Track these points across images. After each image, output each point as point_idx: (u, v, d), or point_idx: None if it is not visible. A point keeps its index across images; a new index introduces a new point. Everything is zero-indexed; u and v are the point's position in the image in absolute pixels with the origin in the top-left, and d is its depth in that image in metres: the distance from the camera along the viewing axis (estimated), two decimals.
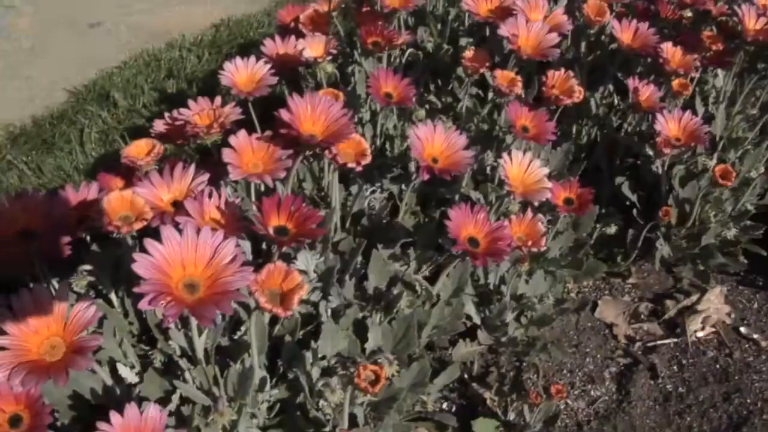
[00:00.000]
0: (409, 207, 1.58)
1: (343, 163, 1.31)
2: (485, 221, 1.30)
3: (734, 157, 1.85)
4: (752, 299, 1.95)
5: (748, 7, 1.75)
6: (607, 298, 1.89)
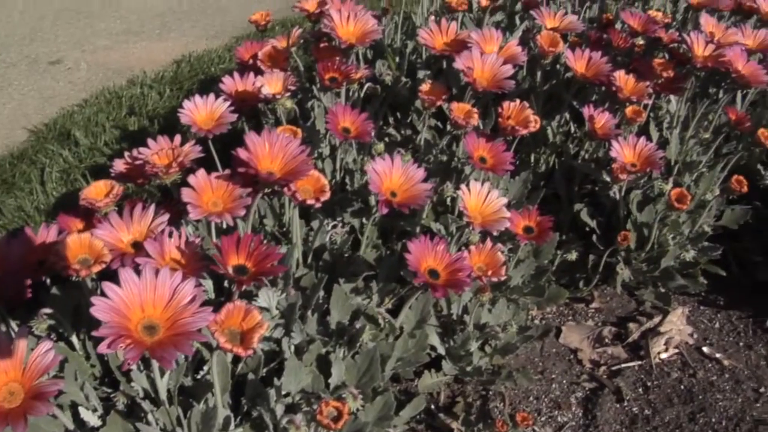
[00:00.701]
0: (370, 240, 1.59)
1: (302, 200, 1.32)
2: (445, 253, 1.32)
3: (689, 180, 1.89)
4: (713, 319, 1.98)
5: (696, 35, 1.79)
6: (570, 323, 1.91)
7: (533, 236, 1.54)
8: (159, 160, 1.43)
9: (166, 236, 1.23)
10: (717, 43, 1.79)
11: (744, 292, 2.05)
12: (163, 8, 4.24)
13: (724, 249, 1.94)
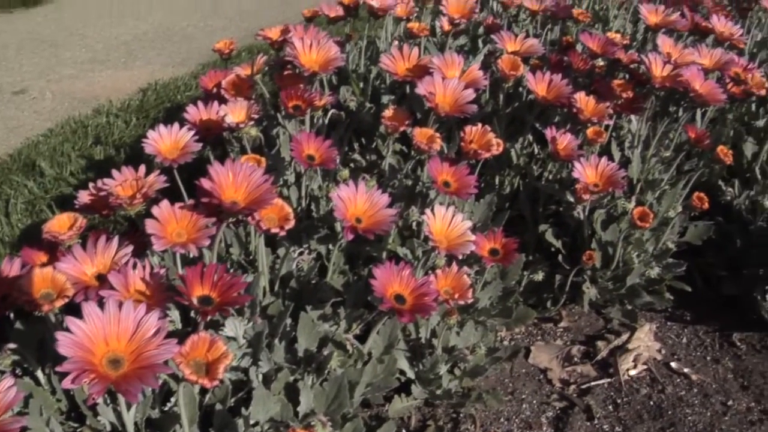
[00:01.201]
0: (337, 266, 1.59)
1: (266, 229, 1.32)
2: (410, 278, 1.33)
3: (652, 198, 1.91)
4: (681, 334, 2.00)
5: (654, 56, 1.82)
6: (539, 343, 1.92)
7: (499, 258, 1.56)
8: (123, 192, 1.42)
9: (130, 268, 1.22)
10: (675, 64, 1.83)
11: (710, 307, 2.07)
12: (129, 36, 4.24)
13: (688, 265, 1.97)
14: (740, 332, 2.01)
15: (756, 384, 1.83)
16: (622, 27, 2.59)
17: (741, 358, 1.93)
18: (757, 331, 2.01)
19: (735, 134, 2.27)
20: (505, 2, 2.33)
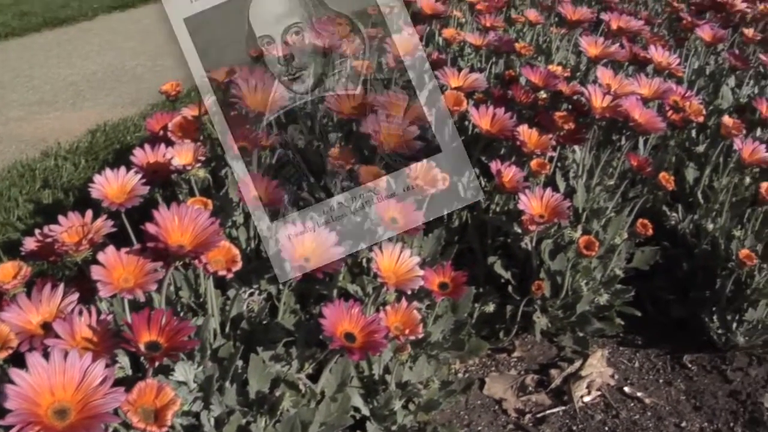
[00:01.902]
0: (287, 306, 1.59)
1: (214, 272, 1.32)
2: (360, 315, 1.33)
3: (598, 226, 1.95)
4: (633, 359, 2.03)
5: (594, 87, 1.87)
6: (494, 374, 1.93)
7: (448, 292, 1.57)
8: (69, 238, 1.41)
9: (76, 316, 1.21)
10: (614, 94, 1.87)
11: (660, 330, 2.11)
12: (77, 77, 4.22)
13: (637, 290, 2.00)
14: (691, 354, 2.05)
15: (708, 404, 1.87)
16: (565, 59, 2.65)
17: (692, 380, 1.96)
18: (706, 352, 2.05)
19: (677, 160, 2.33)
20: (447, 38, 2.37)
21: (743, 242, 2.02)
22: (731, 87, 2.67)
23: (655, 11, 3.54)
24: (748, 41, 2.71)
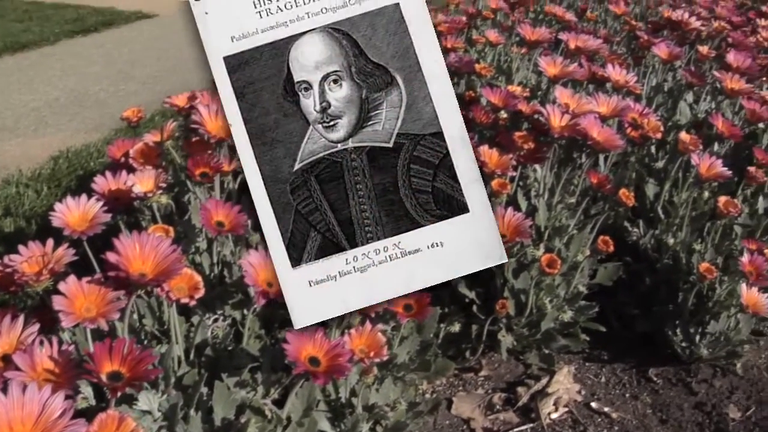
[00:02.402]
0: (252, 331, 1.59)
1: (176, 299, 1.32)
2: (324, 339, 1.33)
3: (560, 244, 1.97)
4: (599, 374, 2.05)
5: (552, 107, 1.89)
6: (461, 393, 1.94)
7: (413, 313, 1.57)
8: (29, 268, 1.40)
9: (37, 347, 1.20)
10: (572, 113, 1.90)
11: (625, 345, 2.14)
12: (40, 103, 4.18)
13: (602, 305, 2.02)
14: (656, 367, 2.08)
15: (674, 417, 1.89)
16: (526, 78, 2.68)
17: (658, 393, 1.98)
18: (671, 365, 2.08)
19: (637, 176, 2.37)
20: None
21: (703, 256, 2.05)
22: (689, 103, 2.72)
23: (614, 29, 3.60)
24: (702, 58, 2.77)
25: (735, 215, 2.01)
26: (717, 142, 2.30)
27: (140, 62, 5.20)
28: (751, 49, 2.88)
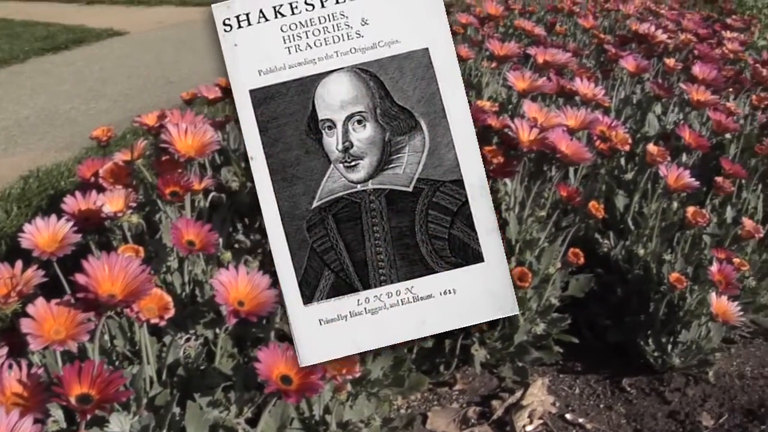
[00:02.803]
0: (224, 350, 1.58)
1: (146, 320, 1.31)
2: (295, 358, 1.33)
3: (531, 257, 1.98)
4: (573, 385, 2.06)
5: (520, 121, 1.91)
6: (436, 408, 1.94)
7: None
8: None
9: (5, 370, 1.19)
10: (541, 127, 1.91)
11: (599, 356, 2.15)
12: (9, 122, 4.15)
13: (574, 317, 2.04)
14: (629, 377, 2.09)
15: (648, 426, 1.90)
16: (496, 92, 2.70)
17: (632, 403, 2.00)
18: (644, 374, 2.09)
19: (607, 188, 2.39)
20: None
21: (673, 266, 2.07)
22: (657, 114, 2.76)
23: (583, 43, 3.64)
24: (669, 70, 2.81)
25: (703, 225, 2.04)
26: (685, 152, 2.32)
27: (111, 80, 5.18)
28: (717, 61, 2.93)
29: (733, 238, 2.15)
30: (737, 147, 2.60)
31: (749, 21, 4.45)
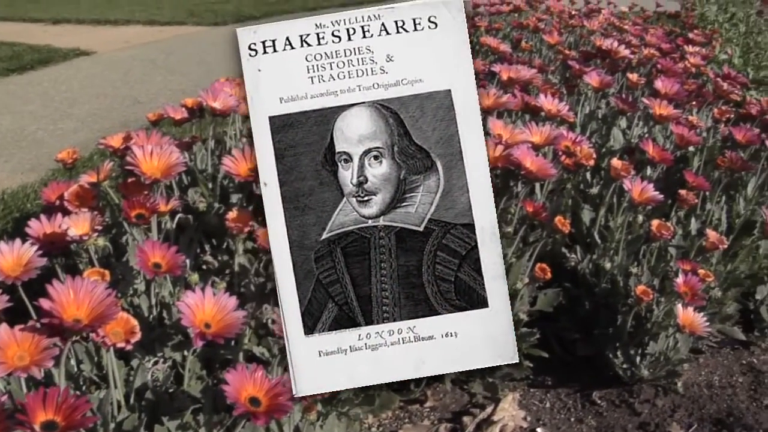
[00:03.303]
0: (193, 373, 1.57)
1: (112, 344, 1.30)
2: (264, 379, 1.33)
3: None
4: (544, 399, 2.07)
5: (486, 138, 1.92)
6: (407, 425, 1.94)
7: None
8: None
9: None
10: (505, 144, 1.93)
11: (568, 369, 2.16)
12: None
13: (543, 331, 2.05)
14: (599, 390, 2.11)
15: None
16: None
17: (603, 415, 2.01)
18: (614, 387, 2.11)
19: (573, 203, 2.41)
20: None
21: (640, 278, 2.09)
22: (622, 129, 2.79)
23: (548, 59, 3.68)
24: (633, 85, 2.85)
25: (668, 238, 2.07)
26: (649, 166, 2.35)
27: (78, 100, 5.15)
28: (679, 75, 2.98)
29: (698, 250, 2.17)
30: (701, 159, 2.64)
31: (710, 35, 4.52)
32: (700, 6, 6.70)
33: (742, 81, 3.09)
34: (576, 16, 4.59)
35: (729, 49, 4.93)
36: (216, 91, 2.14)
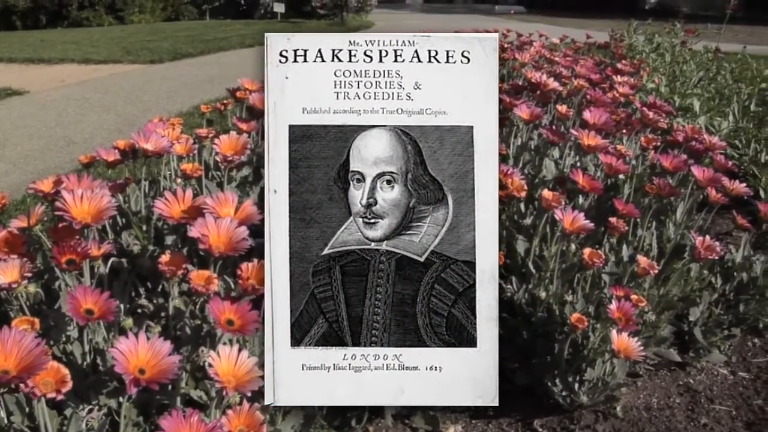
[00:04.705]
0: (128, 420, 1.55)
1: (42, 395, 1.28)
2: (200, 424, 1.32)
3: None
4: (486, 430, 2.09)
5: None
6: None
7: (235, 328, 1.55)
8: None
9: None
10: None
11: (509, 399, 2.17)
12: None
13: None
14: (540, 418, 2.13)
15: None
16: None
17: None
18: (555, 414, 2.13)
19: (508, 233, 2.45)
20: None
21: (575, 306, 2.13)
22: (554, 159, 2.85)
23: None
24: (562, 117, 2.91)
25: (601, 265, 2.11)
26: (581, 195, 2.40)
27: (11, 141, 5.05)
28: (609, 105, 3.05)
29: (630, 276, 2.23)
30: (630, 187, 2.70)
31: (638, 65, 4.66)
32: (628, 37, 6.90)
33: (667, 110, 3.18)
34: (509, 49, 4.68)
35: (656, 78, 5.07)
36: (148, 133, 2.13)
